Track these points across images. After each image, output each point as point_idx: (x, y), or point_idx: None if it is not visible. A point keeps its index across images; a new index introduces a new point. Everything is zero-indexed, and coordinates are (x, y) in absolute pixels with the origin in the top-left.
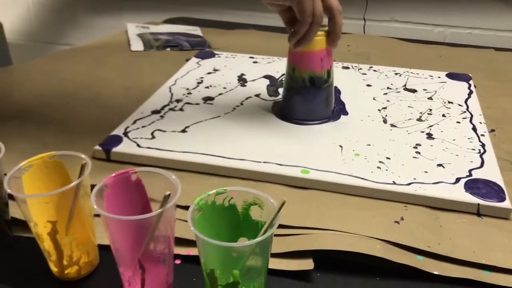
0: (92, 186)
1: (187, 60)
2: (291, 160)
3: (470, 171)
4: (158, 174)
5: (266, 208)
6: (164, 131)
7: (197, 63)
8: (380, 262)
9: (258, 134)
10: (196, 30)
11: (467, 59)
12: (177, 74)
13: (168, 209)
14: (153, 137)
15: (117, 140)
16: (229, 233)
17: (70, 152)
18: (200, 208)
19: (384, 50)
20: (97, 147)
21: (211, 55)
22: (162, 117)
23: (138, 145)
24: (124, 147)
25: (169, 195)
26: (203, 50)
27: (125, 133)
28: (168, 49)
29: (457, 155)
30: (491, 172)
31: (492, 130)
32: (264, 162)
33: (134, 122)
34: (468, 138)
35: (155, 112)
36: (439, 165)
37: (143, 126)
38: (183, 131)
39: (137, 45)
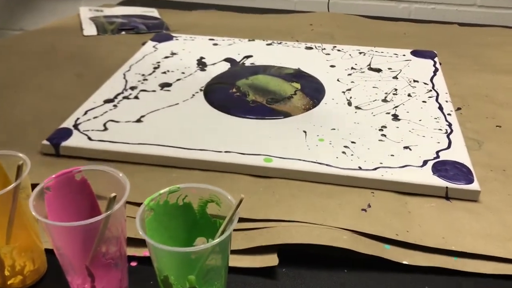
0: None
1: (143, 43)
2: (253, 148)
3: (437, 152)
4: (105, 172)
5: (223, 205)
6: (118, 121)
7: (154, 46)
8: (348, 253)
9: (219, 122)
10: (153, 12)
11: (431, 36)
12: (132, 59)
13: (117, 210)
14: (106, 128)
15: (67, 133)
16: (185, 233)
17: (7, 152)
18: (151, 208)
19: (348, 28)
20: (45, 142)
21: (169, 38)
22: (115, 106)
23: (89, 138)
24: (74, 141)
25: (114, 197)
26: (160, 33)
27: (75, 125)
28: (123, 32)
29: (423, 136)
30: (459, 153)
31: (458, 108)
32: (225, 152)
33: (85, 113)
34: (435, 118)
35: (108, 101)
36: (406, 147)
37: (94, 117)
38: (138, 120)
39: (90, 30)
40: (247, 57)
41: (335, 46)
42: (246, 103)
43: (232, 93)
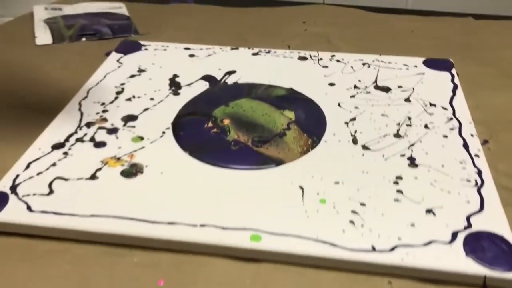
0: None
1: (107, 54)
2: (236, 219)
3: (468, 218)
4: None
5: None
6: (67, 179)
7: (118, 61)
8: None
9: (191, 177)
10: (121, 8)
11: (442, 33)
12: (90, 81)
13: None
14: (51, 191)
15: (1, 199)
16: None
17: None
18: None
19: (346, 27)
20: None
21: (137, 47)
22: (65, 154)
23: (29, 208)
24: (10, 213)
25: None
26: (127, 40)
27: (13, 187)
28: (84, 38)
29: (449, 192)
30: (495, 219)
31: (485, 141)
32: (201, 226)
33: (27, 166)
34: (460, 163)
35: (57, 146)
36: (429, 211)
37: (38, 173)
38: (93, 177)
39: (43, 37)
40: (230, 73)
41: (334, 55)
42: (226, 145)
43: (208, 130)
